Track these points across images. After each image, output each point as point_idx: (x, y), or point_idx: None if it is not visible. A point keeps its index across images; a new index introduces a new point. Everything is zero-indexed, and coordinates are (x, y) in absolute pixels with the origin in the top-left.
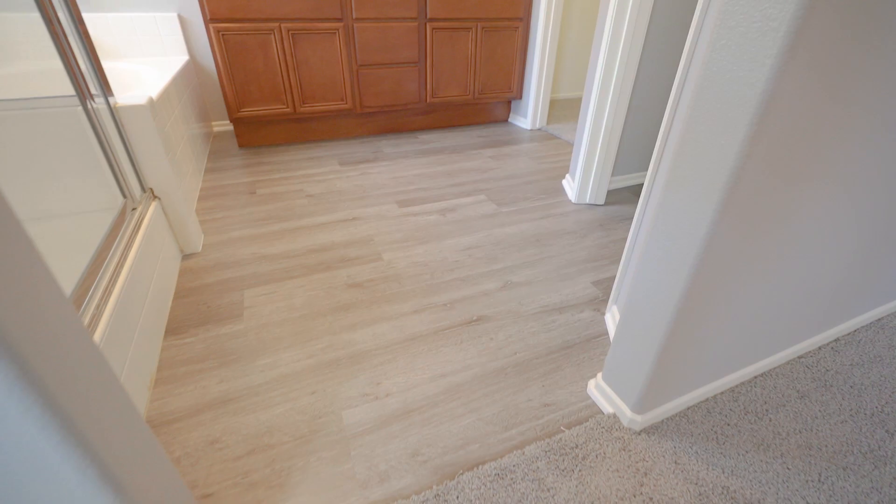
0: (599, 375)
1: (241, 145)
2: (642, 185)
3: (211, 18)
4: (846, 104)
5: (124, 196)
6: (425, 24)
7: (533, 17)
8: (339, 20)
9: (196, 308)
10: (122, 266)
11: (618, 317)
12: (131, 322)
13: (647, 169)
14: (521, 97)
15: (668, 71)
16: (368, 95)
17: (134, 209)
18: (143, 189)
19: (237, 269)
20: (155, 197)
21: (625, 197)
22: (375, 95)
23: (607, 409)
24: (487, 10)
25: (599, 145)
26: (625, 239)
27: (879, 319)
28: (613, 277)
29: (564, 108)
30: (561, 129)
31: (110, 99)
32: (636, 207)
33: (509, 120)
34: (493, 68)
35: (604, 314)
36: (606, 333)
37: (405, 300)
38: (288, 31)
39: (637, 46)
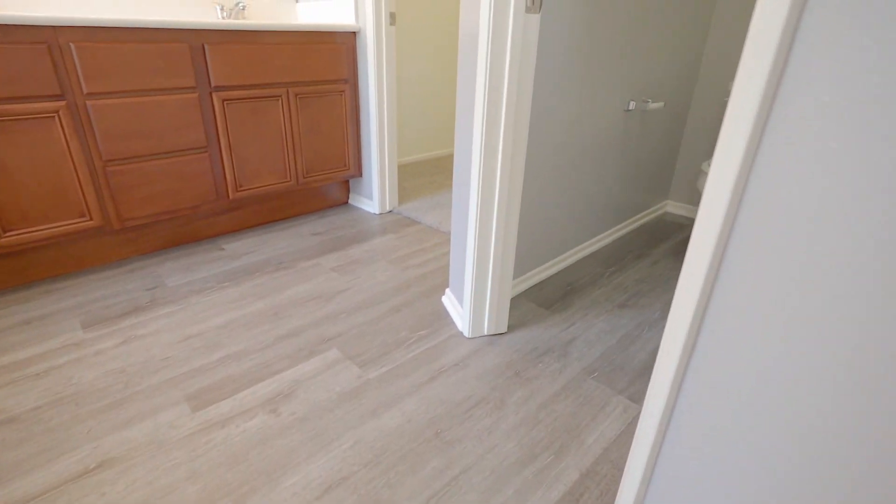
0: None
1: None
2: (543, 282)
3: None
4: None
5: None
6: (210, 94)
7: (361, 76)
8: (59, 97)
9: None
10: None
11: None
12: None
13: (554, 258)
14: (361, 174)
15: (577, 104)
16: (130, 202)
17: None
18: None
19: None
20: None
21: (528, 311)
22: (143, 201)
23: None
24: (299, 72)
25: (493, 242)
26: (556, 393)
27: None
28: (570, 484)
29: (418, 176)
30: (419, 208)
31: None
32: (552, 329)
33: (350, 202)
34: (319, 143)
35: None
36: None
37: None
38: None
39: (527, 85)
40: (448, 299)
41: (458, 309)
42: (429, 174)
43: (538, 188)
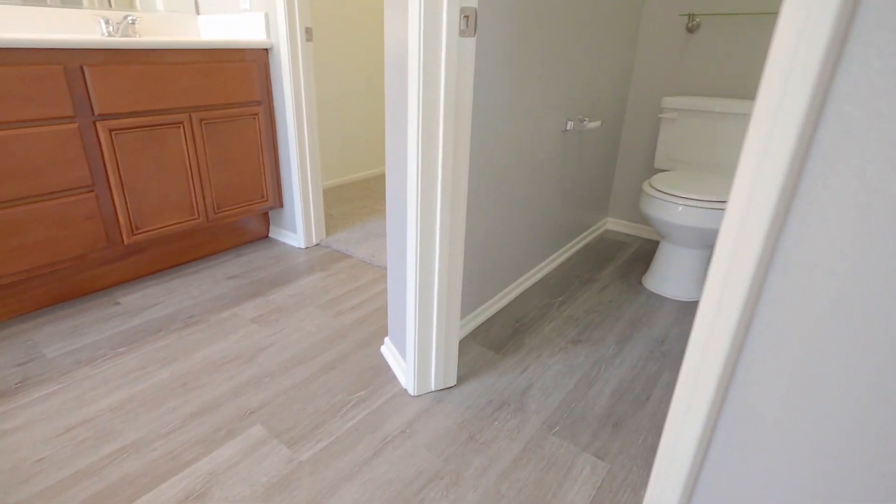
0: None
1: None
2: (491, 320)
3: None
4: None
5: None
6: (94, 124)
7: (277, 97)
8: None
9: None
10: None
11: None
12: None
13: (501, 291)
14: (281, 205)
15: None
16: None
17: None
18: None
19: None
20: None
21: (478, 357)
22: (13, 254)
23: None
24: (204, 94)
25: (437, 280)
26: (516, 458)
27: None
28: None
29: (346, 201)
30: (350, 239)
31: None
32: (505, 376)
33: (271, 236)
34: (231, 174)
35: None
36: None
37: None
38: None
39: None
40: (388, 350)
41: (401, 363)
42: (358, 199)
43: (479, 217)
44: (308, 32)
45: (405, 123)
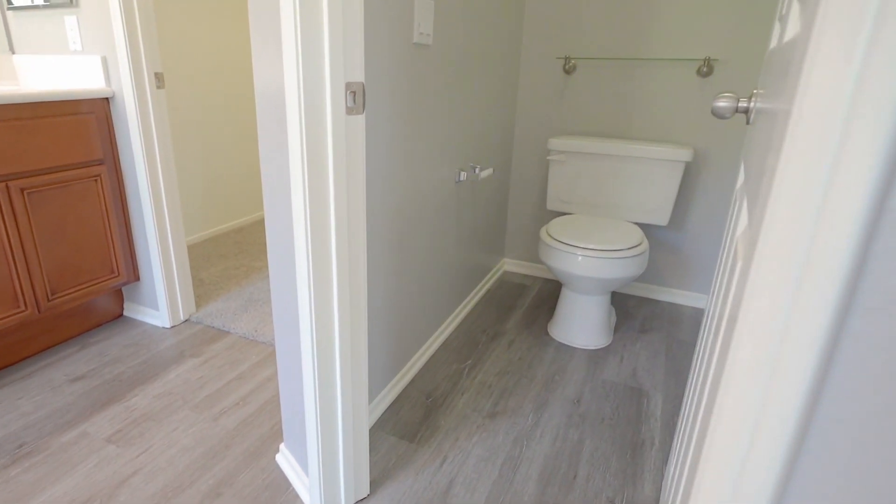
0: None
1: None
2: (399, 400)
3: None
4: None
5: None
6: None
7: (124, 153)
8: None
9: None
10: None
11: None
12: None
13: (406, 363)
14: (138, 278)
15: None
16: None
17: None
18: None
19: None
20: None
21: (391, 451)
22: None
23: None
24: (24, 157)
25: (339, 365)
26: None
27: None
28: None
29: (218, 258)
30: (226, 310)
31: None
32: (423, 474)
33: (126, 315)
34: (67, 250)
35: None
36: None
37: None
38: None
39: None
40: (285, 459)
41: (303, 478)
42: (231, 255)
43: (377, 286)
44: (159, 78)
45: (289, 202)
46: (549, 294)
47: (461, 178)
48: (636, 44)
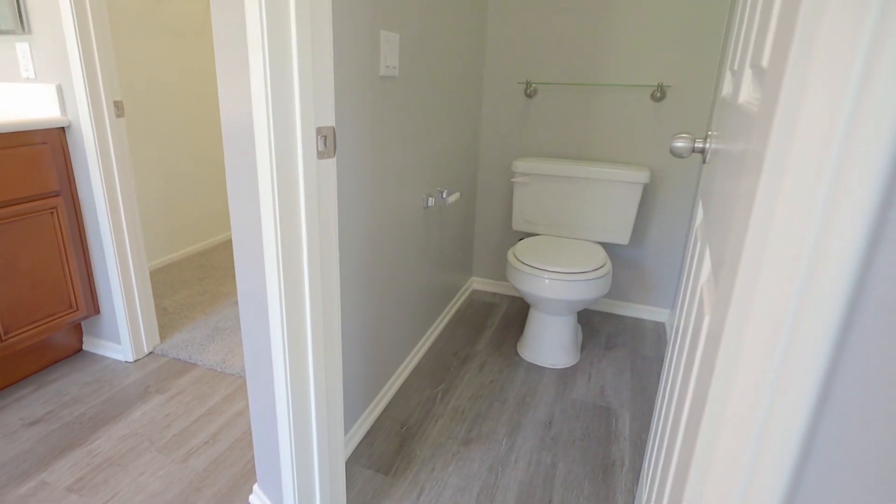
0: None
1: None
2: (374, 430)
3: None
4: None
5: None
6: None
7: (82, 184)
8: None
9: None
10: None
11: None
12: None
13: (380, 391)
14: (98, 311)
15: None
16: None
17: None
18: None
19: None
20: None
21: (366, 486)
22: None
23: None
24: None
25: (314, 398)
26: None
27: None
28: None
29: (182, 285)
30: (192, 340)
31: None
32: None
33: (86, 349)
34: (21, 286)
35: None
36: None
37: None
38: None
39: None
40: (259, 500)
41: None
42: (196, 280)
43: (349, 314)
44: (118, 107)
45: (260, 240)
46: (517, 312)
47: (429, 204)
48: (593, 70)
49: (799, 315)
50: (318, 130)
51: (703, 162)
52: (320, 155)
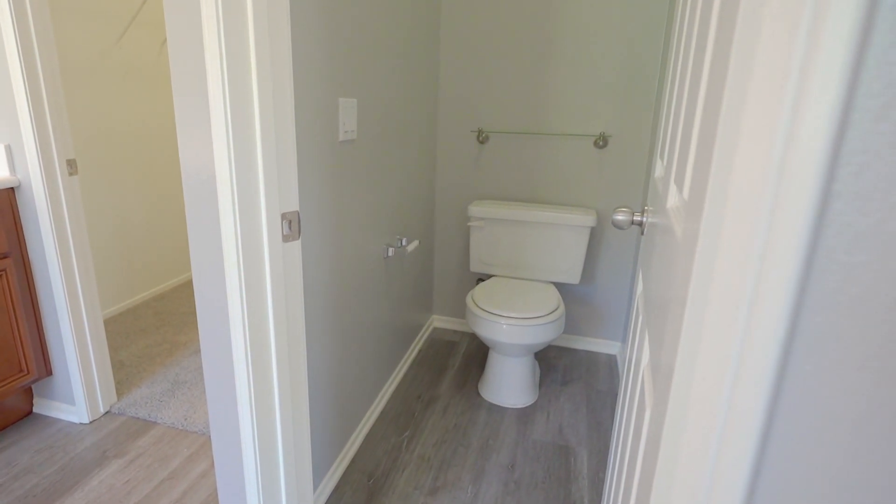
0: None
1: None
2: (341, 485)
3: None
4: None
5: None
6: None
7: (32, 243)
8: None
9: None
10: None
11: None
12: None
13: (345, 443)
14: (51, 372)
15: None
16: None
17: None
18: None
19: None
20: None
21: None
22: None
23: None
24: None
25: (282, 457)
26: None
27: None
28: None
29: (139, 334)
30: (151, 396)
31: None
32: None
33: (37, 411)
34: None
35: None
36: None
37: None
38: None
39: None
40: None
41: None
42: (153, 328)
43: (314, 368)
44: (71, 165)
45: (225, 306)
46: (476, 349)
47: (389, 254)
48: (541, 119)
49: (722, 440)
50: (283, 216)
51: (642, 234)
52: (285, 238)
